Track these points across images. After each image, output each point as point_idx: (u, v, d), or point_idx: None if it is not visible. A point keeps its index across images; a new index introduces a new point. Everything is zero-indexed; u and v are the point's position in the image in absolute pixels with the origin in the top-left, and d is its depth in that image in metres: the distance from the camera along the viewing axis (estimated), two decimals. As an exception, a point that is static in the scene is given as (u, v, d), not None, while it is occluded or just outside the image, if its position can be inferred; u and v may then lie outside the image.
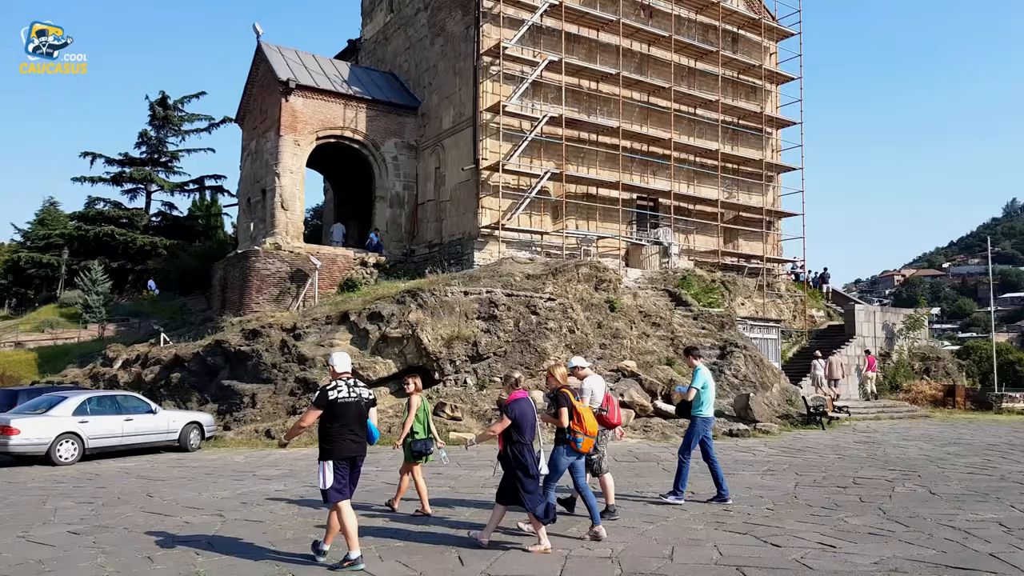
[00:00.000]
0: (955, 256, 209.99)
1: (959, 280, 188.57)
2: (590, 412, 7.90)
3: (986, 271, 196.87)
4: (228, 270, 27.95)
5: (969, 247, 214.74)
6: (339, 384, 6.74)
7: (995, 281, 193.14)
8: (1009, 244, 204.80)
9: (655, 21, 29.57)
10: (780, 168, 32.56)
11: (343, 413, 6.62)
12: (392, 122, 29.32)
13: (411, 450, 9.16)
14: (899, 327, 31.01)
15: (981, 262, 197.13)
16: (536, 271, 22.37)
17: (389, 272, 27.33)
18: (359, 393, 6.79)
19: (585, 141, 27.54)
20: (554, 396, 7.74)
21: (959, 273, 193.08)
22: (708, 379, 9.94)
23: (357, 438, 6.69)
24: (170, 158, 47.23)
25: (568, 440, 7.66)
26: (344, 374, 6.90)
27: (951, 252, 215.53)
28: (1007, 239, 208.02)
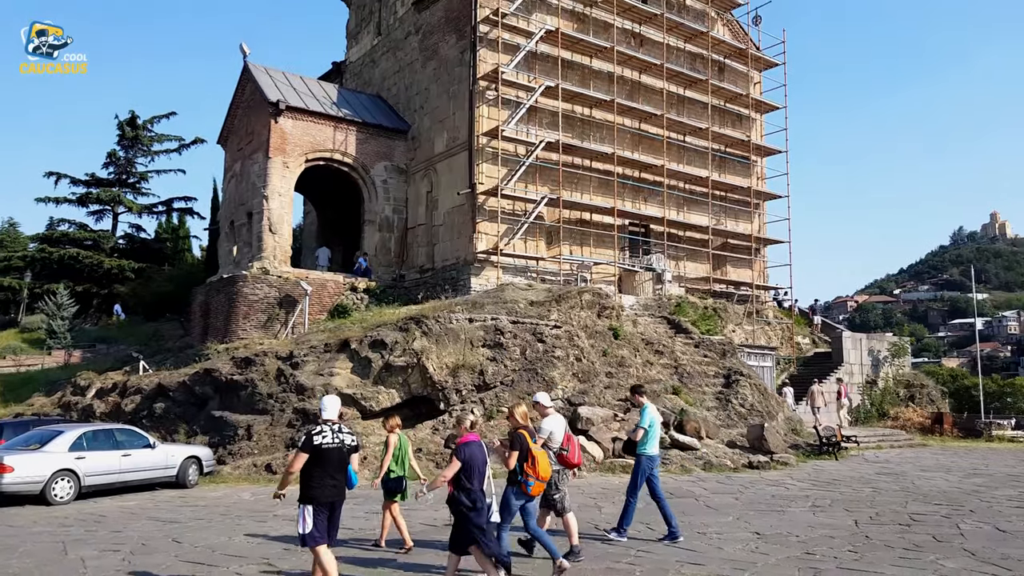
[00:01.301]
0: (905, 283, 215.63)
1: (910, 306, 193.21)
2: (545, 456, 7.86)
3: (936, 297, 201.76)
4: (211, 295, 26.93)
5: (919, 274, 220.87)
6: (324, 429, 6.85)
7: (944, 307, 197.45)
8: (957, 271, 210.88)
9: (645, 49, 29.65)
10: (766, 196, 32.80)
11: (327, 459, 6.73)
12: (382, 145, 28.77)
13: (384, 487, 9.35)
14: (884, 354, 31.29)
15: (931, 289, 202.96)
16: (539, 298, 21.93)
17: (380, 298, 26.62)
18: (342, 439, 6.89)
19: (578, 167, 27.34)
20: (510, 436, 7.72)
21: (910, 299, 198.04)
22: (655, 418, 10.00)
23: (336, 483, 6.82)
24: (139, 179, 45.80)
25: (519, 482, 7.65)
26: (332, 419, 7.03)
27: (901, 279, 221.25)
28: (955, 266, 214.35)
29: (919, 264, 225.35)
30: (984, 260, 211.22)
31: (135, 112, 44.97)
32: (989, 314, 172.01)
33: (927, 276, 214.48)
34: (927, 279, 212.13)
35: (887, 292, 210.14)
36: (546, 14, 27.40)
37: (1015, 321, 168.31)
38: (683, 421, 18.72)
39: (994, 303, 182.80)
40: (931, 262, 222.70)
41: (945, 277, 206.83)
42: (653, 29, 29.99)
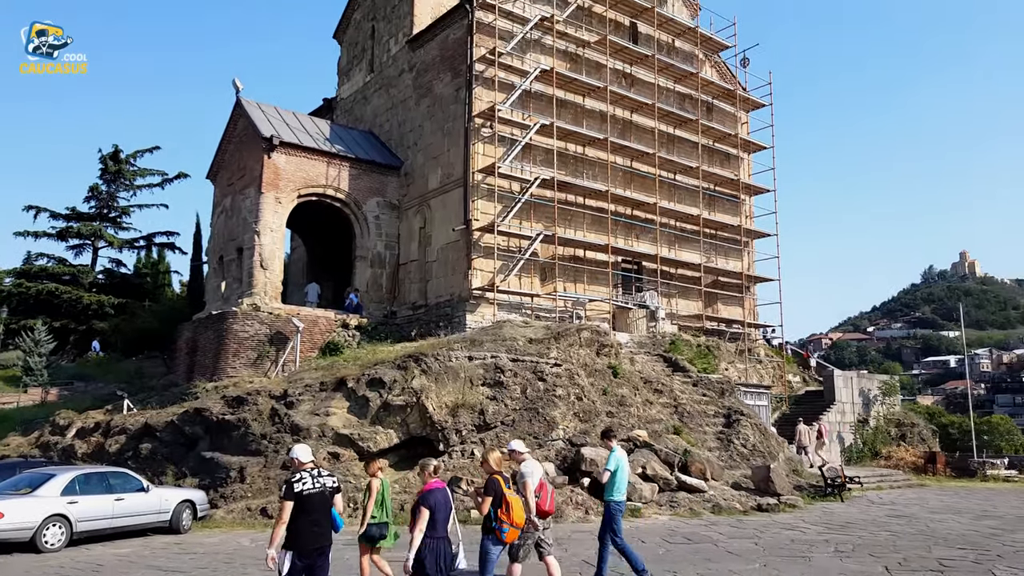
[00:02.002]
0: (879, 320, 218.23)
1: (884, 343, 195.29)
2: (519, 502, 7.89)
3: (909, 335, 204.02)
4: (199, 332, 26.36)
5: (891, 312, 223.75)
6: (303, 475, 6.86)
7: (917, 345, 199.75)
8: (929, 309, 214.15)
9: (636, 89, 29.93)
10: (755, 234, 32.99)
11: (309, 505, 6.74)
12: (375, 181, 28.61)
13: (365, 534, 9.13)
14: (874, 393, 31.32)
15: (904, 326, 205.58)
16: (538, 335, 21.67)
17: (371, 334, 26.22)
18: (323, 483, 6.91)
19: (572, 203, 27.34)
20: (484, 482, 7.80)
21: (883, 336, 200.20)
22: (622, 463, 10.06)
23: (321, 529, 6.82)
24: (120, 213, 45.13)
25: (494, 529, 7.68)
26: (308, 464, 7.05)
27: (875, 316, 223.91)
28: (926, 304, 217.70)
29: (891, 302, 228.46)
30: (955, 299, 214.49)
31: (118, 146, 44.50)
32: (961, 352, 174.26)
33: (900, 314, 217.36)
34: (900, 317, 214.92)
35: (861, 330, 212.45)
36: (540, 54, 27.61)
37: (987, 359, 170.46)
38: (687, 462, 18.43)
39: (966, 341, 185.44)
40: (903, 300, 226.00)
41: (917, 315, 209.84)
42: (644, 70, 30.33)
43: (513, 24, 26.84)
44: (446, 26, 27.44)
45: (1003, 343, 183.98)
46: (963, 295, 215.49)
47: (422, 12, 29.50)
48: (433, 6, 29.68)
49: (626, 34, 30.23)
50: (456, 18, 26.89)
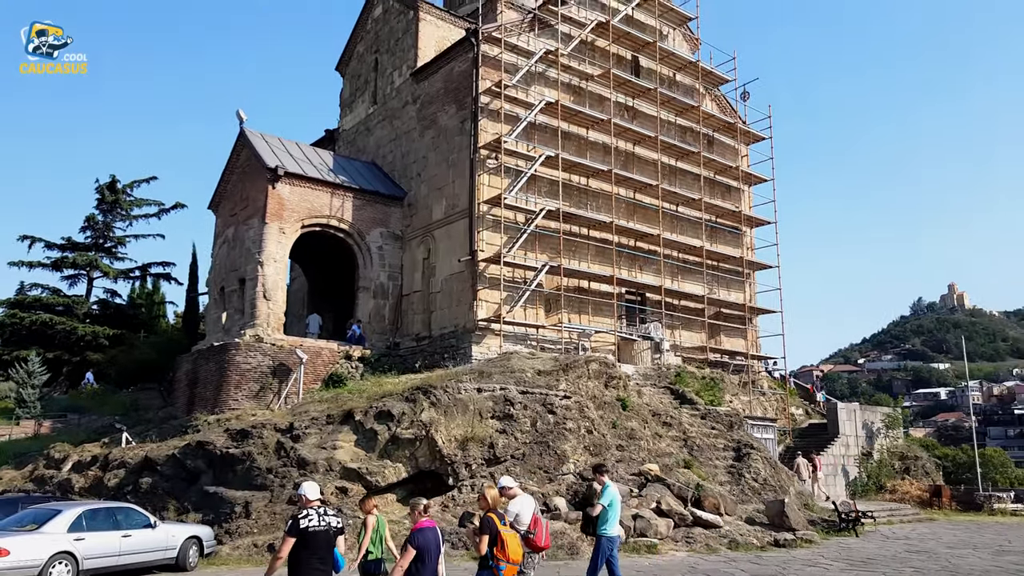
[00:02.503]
0: (869, 352, 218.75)
1: (874, 375, 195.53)
2: (515, 538, 7.91)
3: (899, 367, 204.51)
4: (199, 363, 26.01)
5: (881, 344, 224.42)
6: (310, 512, 6.97)
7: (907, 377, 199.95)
8: (919, 341, 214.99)
9: (638, 121, 30.13)
10: (756, 266, 33.05)
11: (313, 542, 6.84)
12: (378, 212, 28.54)
13: (362, 571, 9.22)
14: (877, 425, 31.20)
15: (894, 358, 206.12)
16: (546, 367, 21.49)
17: (374, 366, 25.94)
18: (328, 521, 7.02)
19: (576, 235, 27.33)
20: (480, 520, 7.86)
21: (874, 368, 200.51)
22: (615, 497, 10.09)
23: (323, 567, 6.92)
24: (115, 243, 44.82)
25: (491, 567, 7.69)
26: (315, 502, 7.17)
27: (865, 348, 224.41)
28: (916, 336, 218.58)
29: (881, 334, 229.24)
30: (944, 331, 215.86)
31: (115, 176, 44.34)
32: (952, 384, 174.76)
33: (890, 346, 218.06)
34: (890, 349, 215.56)
35: (851, 361, 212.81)
36: (544, 86, 27.77)
37: (978, 391, 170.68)
38: (701, 497, 18.19)
39: (956, 373, 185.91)
40: (893, 332, 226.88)
41: (907, 347, 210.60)
42: (645, 103, 30.57)
43: (518, 57, 27.04)
44: (451, 59, 27.61)
45: (993, 375, 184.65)
46: (952, 327, 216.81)
47: (426, 45, 29.69)
48: (437, 40, 29.90)
49: (628, 68, 30.50)
50: (461, 51, 27.07)
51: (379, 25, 32.34)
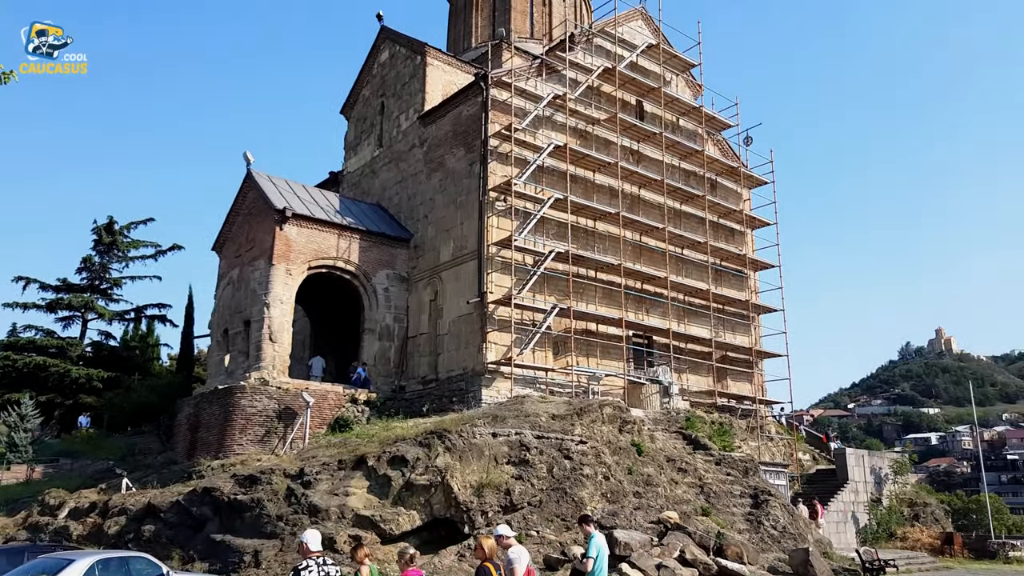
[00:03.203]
0: (859, 397, 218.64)
1: (865, 420, 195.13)
2: None
3: (889, 412, 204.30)
4: (201, 407, 25.49)
5: (871, 388, 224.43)
6: (310, 563, 7.07)
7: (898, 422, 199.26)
8: (908, 386, 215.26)
9: (643, 165, 30.30)
10: (761, 309, 33.01)
11: None
12: (384, 253, 28.39)
13: None
14: (885, 471, 30.88)
15: (884, 403, 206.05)
16: (560, 411, 21.15)
17: (380, 410, 25.51)
18: (327, 572, 7.07)
19: (583, 277, 27.23)
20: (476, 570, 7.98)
21: (864, 413, 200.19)
22: (602, 547, 9.99)
23: None
24: (111, 285, 44.39)
25: None
26: (316, 552, 7.15)
27: (854, 393, 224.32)
28: (905, 381, 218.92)
29: (870, 379, 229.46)
30: (933, 375, 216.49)
31: (113, 217, 44.13)
32: (942, 429, 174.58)
33: (879, 391, 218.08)
34: (879, 393, 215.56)
35: (841, 406, 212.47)
36: (551, 130, 27.93)
37: (968, 436, 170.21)
38: (723, 545, 17.76)
39: (946, 418, 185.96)
40: (882, 376, 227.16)
41: (897, 392, 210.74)
42: (650, 147, 30.80)
43: (526, 101, 27.23)
44: (459, 103, 27.78)
45: (983, 420, 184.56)
46: (941, 372, 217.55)
47: (433, 89, 29.92)
48: (444, 84, 30.15)
49: (632, 112, 30.78)
50: (470, 95, 27.25)
51: (385, 70, 32.60)
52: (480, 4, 36.02)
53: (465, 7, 36.76)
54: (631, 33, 31.41)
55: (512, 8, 35.09)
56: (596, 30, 30.19)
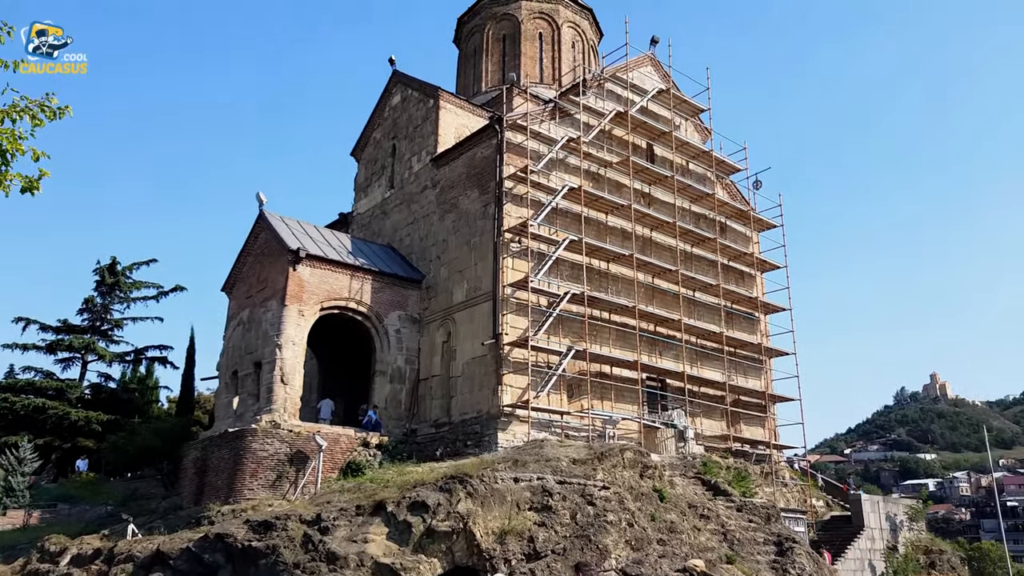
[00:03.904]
0: (855, 442, 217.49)
1: (861, 466, 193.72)
2: None
3: (886, 457, 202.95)
4: (209, 451, 24.97)
5: (867, 434, 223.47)
6: None
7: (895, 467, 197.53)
8: (904, 431, 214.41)
9: (654, 207, 30.38)
10: (773, 352, 32.82)
11: None
12: (396, 294, 28.19)
13: None
14: (900, 518, 30.42)
15: (880, 449, 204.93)
16: (580, 455, 20.75)
17: (392, 454, 25.06)
18: None
19: (598, 319, 27.06)
20: None
21: (861, 459, 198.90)
22: None
23: None
24: (112, 326, 43.96)
25: None
26: None
27: (851, 438, 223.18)
28: (901, 426, 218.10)
29: (866, 424, 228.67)
30: (928, 421, 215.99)
31: (116, 258, 43.92)
32: (939, 475, 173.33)
33: (875, 436, 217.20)
34: (875, 439, 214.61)
35: (838, 452, 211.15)
36: (564, 172, 28.03)
37: (966, 482, 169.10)
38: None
39: (943, 464, 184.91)
40: (878, 422, 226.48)
41: (893, 437, 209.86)
42: (660, 190, 30.92)
43: (540, 144, 27.36)
44: (473, 145, 27.90)
45: (980, 466, 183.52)
46: (937, 417, 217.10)
47: (446, 132, 30.10)
48: (456, 127, 30.34)
49: (643, 155, 30.97)
50: (484, 137, 27.38)
51: (397, 113, 32.80)
52: (490, 50, 36.48)
53: (475, 53, 37.22)
54: (641, 78, 31.78)
55: (522, 54, 35.55)
56: (608, 75, 30.51)
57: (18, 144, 7.95)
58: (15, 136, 7.96)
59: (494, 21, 36.80)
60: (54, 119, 8.32)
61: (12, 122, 8.09)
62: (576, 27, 37.27)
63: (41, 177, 8.15)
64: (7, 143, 7.89)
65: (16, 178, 8.08)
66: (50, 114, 8.26)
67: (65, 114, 8.33)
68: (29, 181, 8.10)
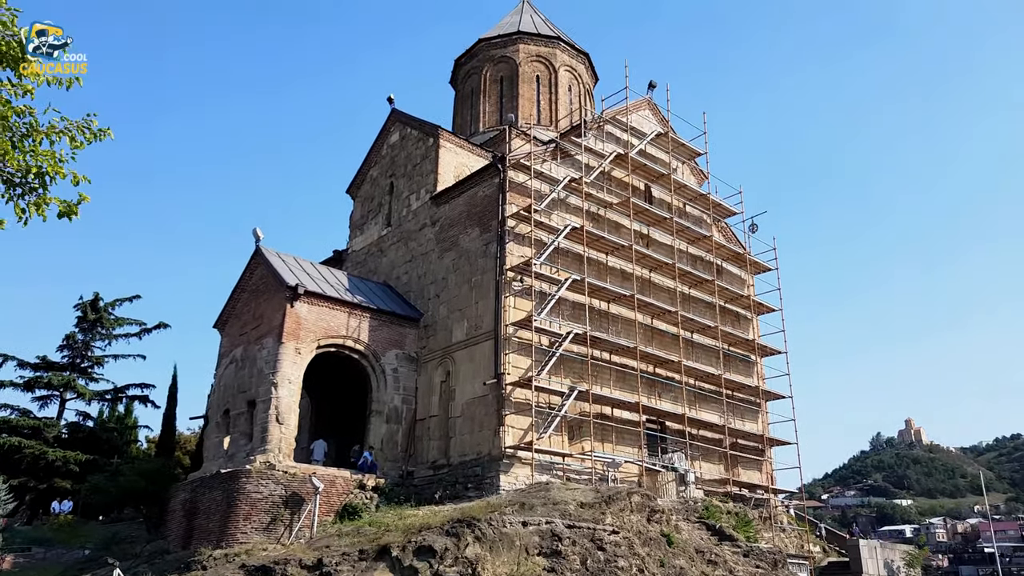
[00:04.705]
0: (832, 487, 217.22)
1: (839, 512, 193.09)
2: None
3: (863, 503, 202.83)
4: (199, 492, 24.12)
5: (843, 479, 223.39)
6: None
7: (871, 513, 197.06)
8: (880, 477, 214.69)
9: (652, 248, 30.40)
10: (770, 395, 32.68)
11: None
12: (394, 332, 27.77)
13: None
14: (897, 564, 30.13)
15: (857, 494, 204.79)
16: (588, 499, 20.33)
17: (389, 496, 24.36)
18: None
19: (598, 359, 26.80)
20: None
21: (838, 505, 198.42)
22: None
23: None
24: (93, 364, 42.90)
25: None
26: None
27: (828, 484, 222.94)
28: (877, 472, 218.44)
29: (843, 469, 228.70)
30: (904, 466, 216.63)
31: (99, 294, 43.07)
32: (916, 521, 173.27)
33: (852, 481, 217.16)
34: (852, 484, 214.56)
35: (815, 497, 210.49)
36: (565, 212, 28.00)
37: (943, 528, 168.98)
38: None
39: (919, 510, 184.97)
40: (854, 467, 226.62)
41: (870, 483, 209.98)
42: (658, 231, 30.99)
43: (541, 183, 27.36)
44: (475, 183, 27.84)
45: (955, 511, 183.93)
46: (912, 463, 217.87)
47: (445, 171, 30.05)
48: (456, 166, 30.33)
49: (641, 197, 31.08)
50: (486, 176, 27.34)
51: (395, 151, 32.75)
52: (488, 91, 36.72)
53: (472, 94, 37.44)
54: (639, 121, 32.08)
55: (520, 96, 35.80)
56: (607, 117, 30.75)
57: (59, 167, 7.63)
58: (56, 158, 7.64)
59: (492, 63, 37.11)
60: (93, 141, 8.04)
61: (50, 143, 7.79)
62: (572, 71, 37.69)
63: (80, 202, 7.82)
64: (48, 165, 7.56)
65: (54, 202, 7.74)
66: (90, 136, 7.97)
67: (106, 136, 8.04)
68: (68, 206, 7.77)
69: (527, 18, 38.65)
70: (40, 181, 7.60)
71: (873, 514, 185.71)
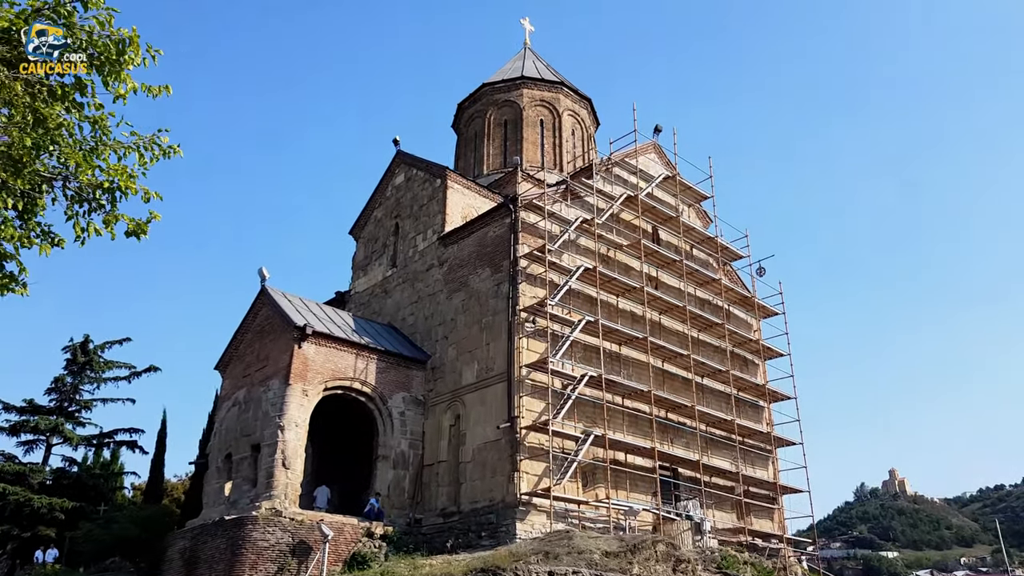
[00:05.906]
0: (818, 539, 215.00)
1: (825, 564, 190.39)
2: None
3: (849, 555, 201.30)
4: (201, 540, 23.12)
5: (829, 530, 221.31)
6: None
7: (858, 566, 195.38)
8: (865, 528, 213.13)
9: (661, 291, 30.17)
10: (781, 441, 32.20)
11: None
12: (401, 375, 27.14)
13: None
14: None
15: (843, 546, 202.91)
16: (612, 547, 19.64)
17: (398, 545, 23.51)
18: None
19: (611, 403, 26.27)
20: None
21: (824, 556, 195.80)
22: None
23: None
24: (80, 408, 41.64)
25: None
26: None
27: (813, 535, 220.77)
28: (863, 523, 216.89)
29: (828, 520, 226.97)
30: (889, 518, 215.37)
31: (89, 336, 42.01)
32: (902, 574, 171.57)
33: (837, 532, 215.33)
34: (838, 535, 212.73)
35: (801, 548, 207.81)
36: (575, 253, 27.77)
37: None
38: None
39: (905, 562, 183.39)
40: (839, 518, 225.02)
41: (855, 534, 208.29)
42: (667, 274, 30.82)
43: (552, 224, 27.16)
44: (484, 224, 27.59)
45: (941, 564, 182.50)
46: (897, 514, 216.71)
47: (453, 212, 29.81)
48: (463, 207, 30.11)
49: (648, 240, 30.96)
50: (497, 217, 27.12)
51: (401, 192, 32.53)
52: (492, 134, 36.77)
53: (476, 137, 37.48)
54: (646, 163, 32.15)
55: (524, 139, 35.86)
56: (616, 160, 30.78)
57: (131, 182, 7.20)
58: (127, 173, 7.22)
59: (496, 107, 37.25)
60: (161, 158, 7.63)
61: (118, 158, 7.38)
62: (576, 115, 37.90)
63: (151, 220, 7.38)
64: (120, 180, 7.13)
65: (123, 219, 7.30)
66: (159, 153, 7.57)
67: (175, 154, 7.64)
68: (137, 224, 7.32)
69: (530, 64, 38.98)
70: (110, 197, 7.17)
71: (860, 567, 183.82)
